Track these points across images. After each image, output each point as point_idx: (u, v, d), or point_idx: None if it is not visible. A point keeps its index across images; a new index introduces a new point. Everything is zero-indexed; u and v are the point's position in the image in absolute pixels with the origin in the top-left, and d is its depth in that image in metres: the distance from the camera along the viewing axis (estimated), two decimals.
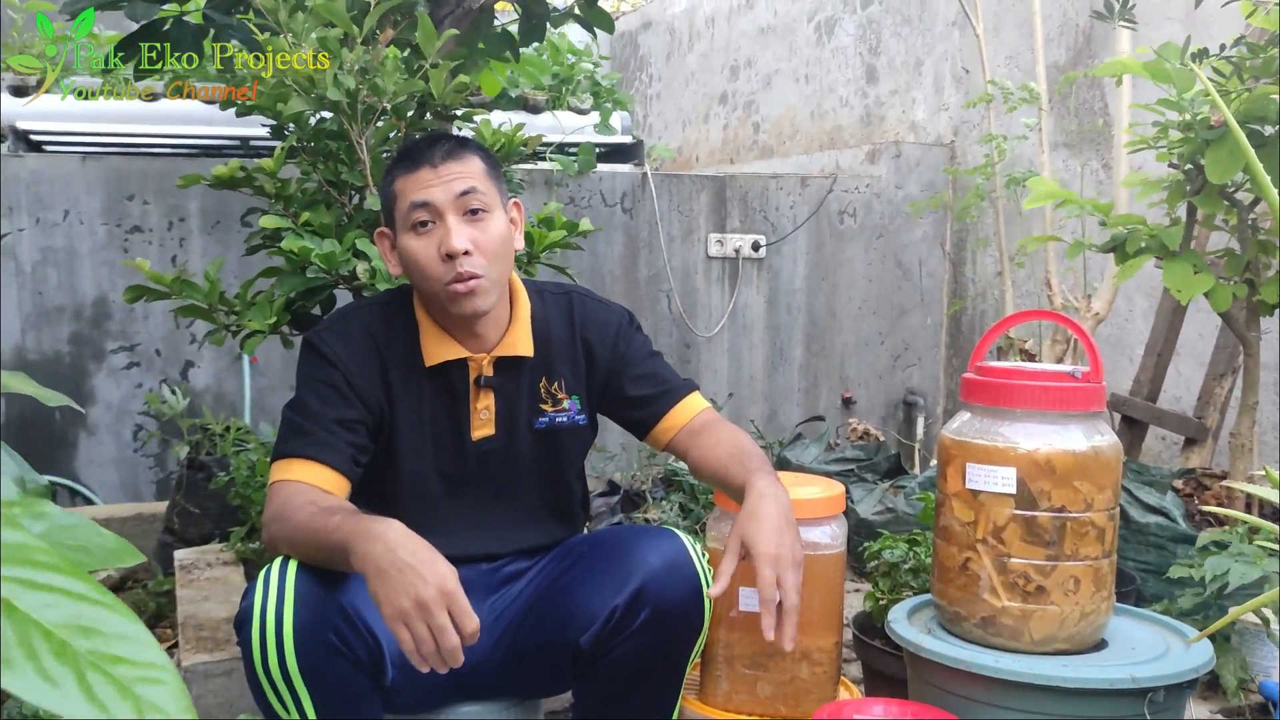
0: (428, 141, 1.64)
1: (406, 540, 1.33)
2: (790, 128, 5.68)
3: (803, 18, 5.56)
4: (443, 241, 1.57)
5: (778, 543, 1.50)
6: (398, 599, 1.29)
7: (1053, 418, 1.62)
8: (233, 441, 3.08)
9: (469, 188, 1.59)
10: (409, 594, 1.28)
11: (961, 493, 1.66)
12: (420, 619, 1.28)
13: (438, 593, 1.28)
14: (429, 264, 1.58)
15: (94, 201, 3.56)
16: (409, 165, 1.61)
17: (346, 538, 1.36)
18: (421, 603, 1.28)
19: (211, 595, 2.48)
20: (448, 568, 1.32)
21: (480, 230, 1.59)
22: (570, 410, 1.74)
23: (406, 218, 1.60)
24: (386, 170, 1.68)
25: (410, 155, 1.63)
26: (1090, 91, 3.91)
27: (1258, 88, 2.30)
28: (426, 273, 1.59)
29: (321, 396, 1.60)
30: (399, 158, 1.65)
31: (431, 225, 1.59)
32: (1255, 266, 2.52)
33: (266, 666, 1.40)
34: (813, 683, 1.81)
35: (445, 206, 1.58)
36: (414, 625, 1.28)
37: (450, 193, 1.58)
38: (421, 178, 1.59)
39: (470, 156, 1.62)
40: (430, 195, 1.58)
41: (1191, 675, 1.55)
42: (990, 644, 1.63)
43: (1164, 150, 2.52)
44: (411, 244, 1.60)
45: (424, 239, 1.59)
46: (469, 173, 1.60)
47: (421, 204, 1.58)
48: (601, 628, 1.54)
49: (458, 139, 1.66)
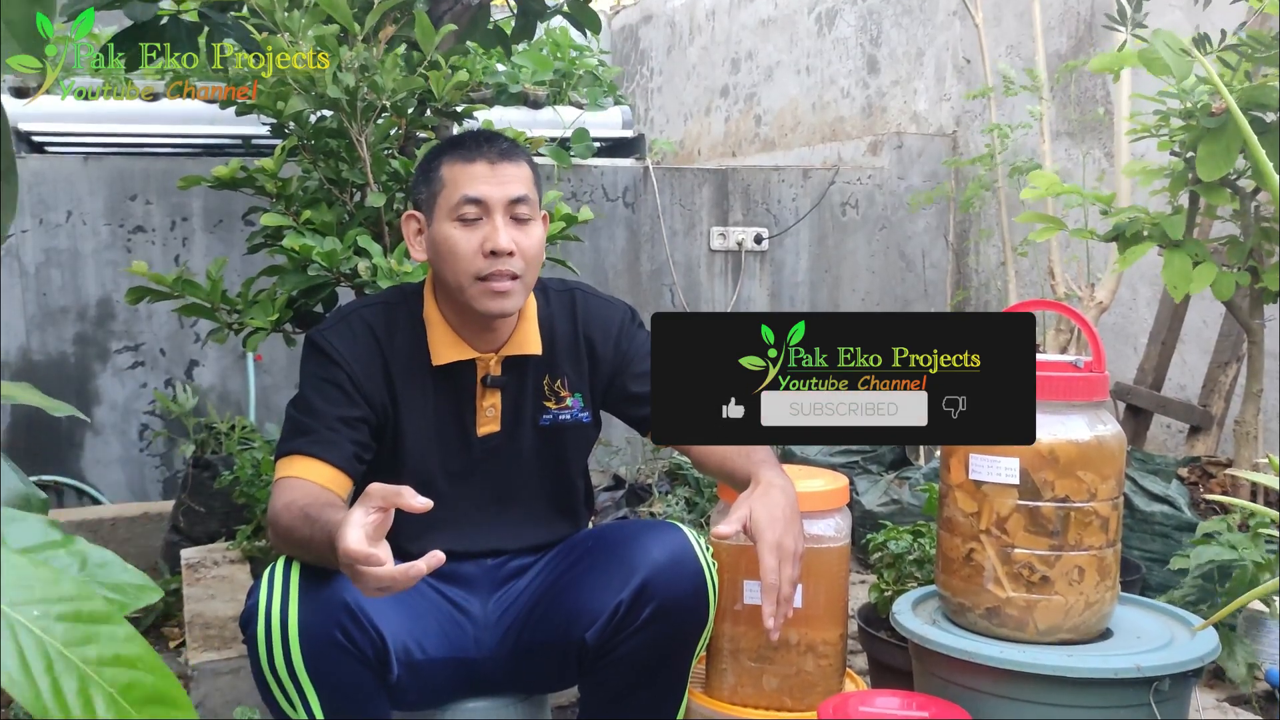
0: (485, 137, 1.65)
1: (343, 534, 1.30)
2: (792, 120, 5.67)
3: (803, 9, 5.55)
4: (489, 238, 1.58)
5: (783, 532, 1.51)
6: (364, 588, 1.30)
7: (1056, 407, 1.62)
8: (238, 440, 3.08)
9: (521, 195, 1.61)
10: (360, 580, 1.29)
11: (965, 484, 1.66)
12: (374, 586, 1.27)
13: (346, 559, 1.27)
14: (468, 256, 1.59)
15: (96, 202, 3.57)
16: (464, 156, 1.62)
17: (330, 539, 1.36)
18: (356, 577, 1.28)
19: (218, 594, 2.49)
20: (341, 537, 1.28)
21: (524, 234, 1.61)
22: (574, 408, 1.74)
23: (454, 208, 1.60)
24: (432, 154, 1.68)
25: (465, 146, 1.63)
26: (1091, 80, 3.90)
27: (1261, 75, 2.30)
28: (463, 264, 1.59)
29: (325, 395, 1.61)
30: (451, 145, 1.66)
31: (478, 220, 1.59)
32: (1258, 254, 2.51)
33: (272, 664, 1.40)
34: (818, 675, 1.81)
35: (496, 205, 1.59)
36: (366, 589, 1.29)
37: (504, 194, 1.60)
38: (476, 171, 1.60)
39: (523, 161, 1.65)
40: (484, 192, 1.59)
41: (1197, 664, 1.55)
42: (995, 635, 1.63)
43: (1165, 138, 2.51)
44: (453, 233, 1.60)
45: (468, 231, 1.59)
46: (522, 178, 1.63)
47: (475, 199, 1.59)
48: (607, 623, 1.55)
49: (513, 141, 1.68)
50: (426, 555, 1.26)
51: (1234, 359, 3.01)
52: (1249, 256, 2.50)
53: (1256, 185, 2.48)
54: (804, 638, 1.80)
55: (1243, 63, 2.37)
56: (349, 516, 1.29)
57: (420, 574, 1.26)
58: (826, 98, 5.40)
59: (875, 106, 5.07)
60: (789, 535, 1.51)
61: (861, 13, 5.13)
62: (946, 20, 4.62)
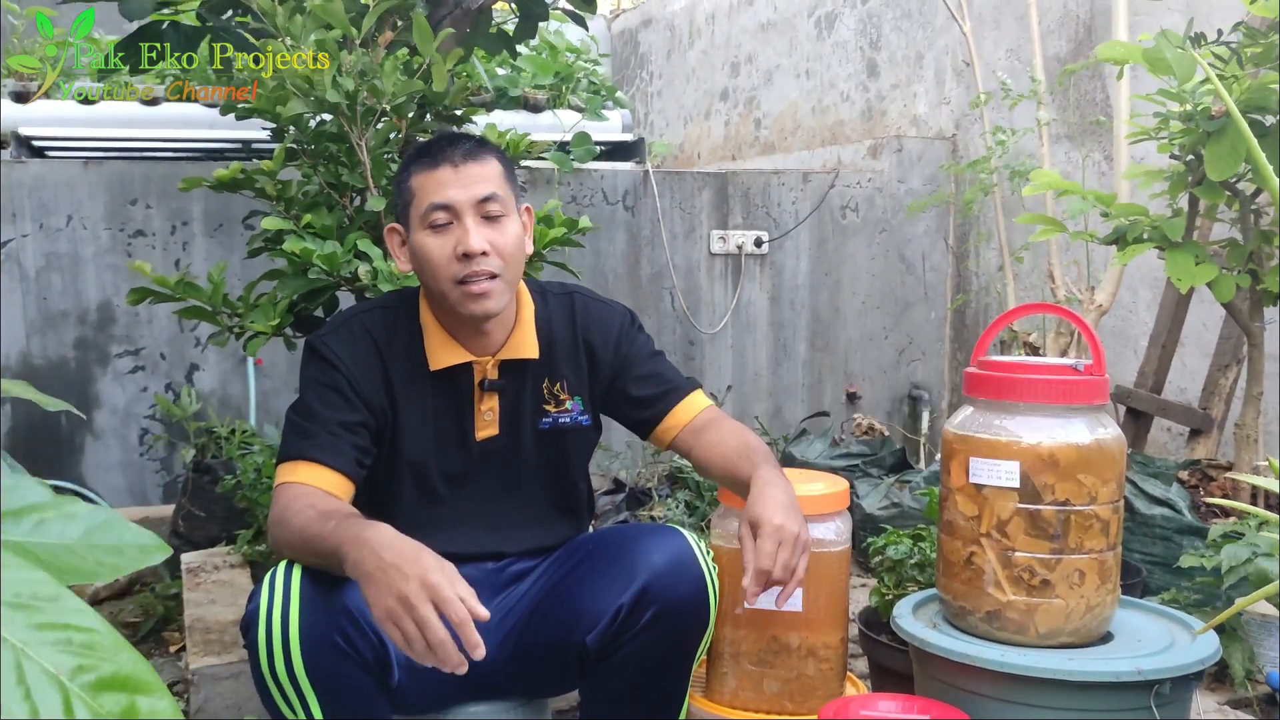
0: (448, 140, 1.64)
1: (392, 541, 1.33)
2: (792, 123, 5.67)
3: (803, 13, 5.56)
4: (460, 241, 1.57)
5: (784, 518, 1.53)
6: (383, 599, 1.29)
7: (1056, 411, 1.62)
8: (238, 444, 3.08)
9: (489, 193, 1.59)
10: (392, 591, 1.28)
11: (965, 487, 1.66)
12: (407, 615, 1.27)
13: (419, 586, 1.27)
14: (443, 262, 1.59)
15: (97, 206, 3.57)
16: (428, 163, 1.61)
17: (340, 543, 1.36)
18: (403, 598, 1.27)
19: (219, 598, 2.48)
20: (434, 560, 1.31)
21: (497, 232, 1.60)
22: (573, 411, 1.74)
23: (424, 216, 1.60)
24: (402, 166, 1.67)
25: (430, 153, 1.62)
26: (1091, 83, 3.91)
27: (1259, 76, 2.30)
28: (440, 271, 1.59)
29: (325, 399, 1.61)
30: (417, 154, 1.65)
31: (449, 225, 1.59)
32: (1258, 256, 2.51)
33: (273, 669, 1.40)
34: (819, 679, 1.81)
35: (464, 208, 1.58)
36: (401, 623, 1.28)
37: (470, 195, 1.58)
38: (441, 177, 1.59)
39: (489, 158, 1.63)
40: (450, 196, 1.58)
41: (1198, 667, 1.55)
42: (996, 638, 1.63)
43: (1165, 141, 2.51)
44: (427, 241, 1.60)
45: (440, 237, 1.59)
46: (488, 176, 1.61)
47: (441, 205, 1.58)
48: (607, 627, 1.55)
49: (478, 140, 1.67)
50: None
51: (1234, 362, 3.01)
52: (1249, 259, 2.50)
53: (1256, 188, 2.48)
54: (805, 641, 1.80)
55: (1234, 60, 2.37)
56: (449, 565, 1.31)
57: (462, 666, 1.30)
58: (826, 101, 5.40)
59: (875, 110, 5.08)
60: (791, 521, 1.53)
61: (861, 16, 5.14)
62: (946, 24, 4.62)
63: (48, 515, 0.64)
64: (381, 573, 1.29)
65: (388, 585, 1.29)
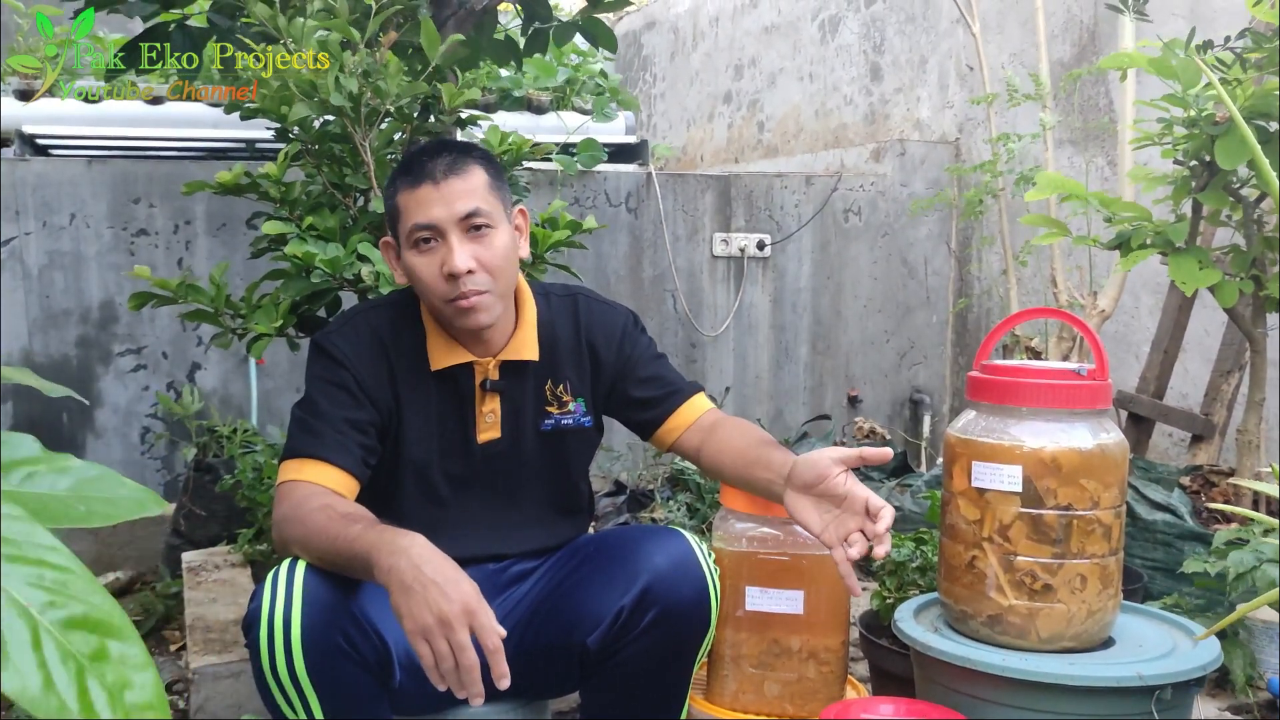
0: (430, 153, 1.62)
1: (431, 556, 1.33)
2: (795, 126, 5.67)
3: (806, 16, 5.56)
4: (445, 261, 1.56)
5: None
6: (421, 614, 1.29)
7: (1058, 415, 1.62)
8: (240, 444, 3.08)
9: (472, 209, 1.58)
10: (432, 610, 1.28)
11: (967, 491, 1.66)
12: (442, 635, 1.28)
13: (461, 609, 1.28)
14: (432, 281, 1.59)
15: (100, 205, 3.57)
16: (411, 180, 1.60)
17: (370, 549, 1.36)
18: (444, 619, 1.28)
19: (219, 597, 2.48)
20: (471, 586, 1.32)
21: (484, 246, 1.59)
22: (576, 412, 1.74)
23: (409, 236, 1.60)
24: (389, 180, 1.66)
25: (412, 169, 1.61)
26: (1095, 88, 3.91)
27: (1263, 82, 2.30)
28: (430, 289, 1.60)
29: (331, 397, 1.61)
30: (401, 169, 1.64)
31: (434, 243, 1.58)
32: (1261, 262, 2.51)
33: (275, 668, 1.40)
34: (820, 682, 1.81)
35: (448, 226, 1.57)
36: (435, 641, 1.28)
37: (452, 213, 1.57)
38: (423, 195, 1.58)
39: (473, 169, 1.61)
40: (433, 216, 1.57)
41: (1199, 673, 1.55)
42: (997, 642, 1.63)
43: (1169, 147, 2.51)
44: (415, 260, 1.60)
45: (427, 256, 1.59)
46: (471, 189, 1.59)
47: (424, 225, 1.58)
48: (609, 628, 1.55)
49: (461, 148, 1.65)
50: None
51: (1236, 368, 3.01)
52: (1252, 265, 2.50)
53: (1260, 194, 2.48)
54: (806, 644, 1.80)
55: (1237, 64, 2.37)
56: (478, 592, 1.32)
57: (481, 697, 1.32)
58: (829, 104, 5.41)
59: (878, 113, 5.08)
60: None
61: (865, 20, 5.14)
62: (949, 28, 4.62)
63: (39, 469, 0.65)
64: (422, 588, 1.29)
65: (427, 602, 1.28)
